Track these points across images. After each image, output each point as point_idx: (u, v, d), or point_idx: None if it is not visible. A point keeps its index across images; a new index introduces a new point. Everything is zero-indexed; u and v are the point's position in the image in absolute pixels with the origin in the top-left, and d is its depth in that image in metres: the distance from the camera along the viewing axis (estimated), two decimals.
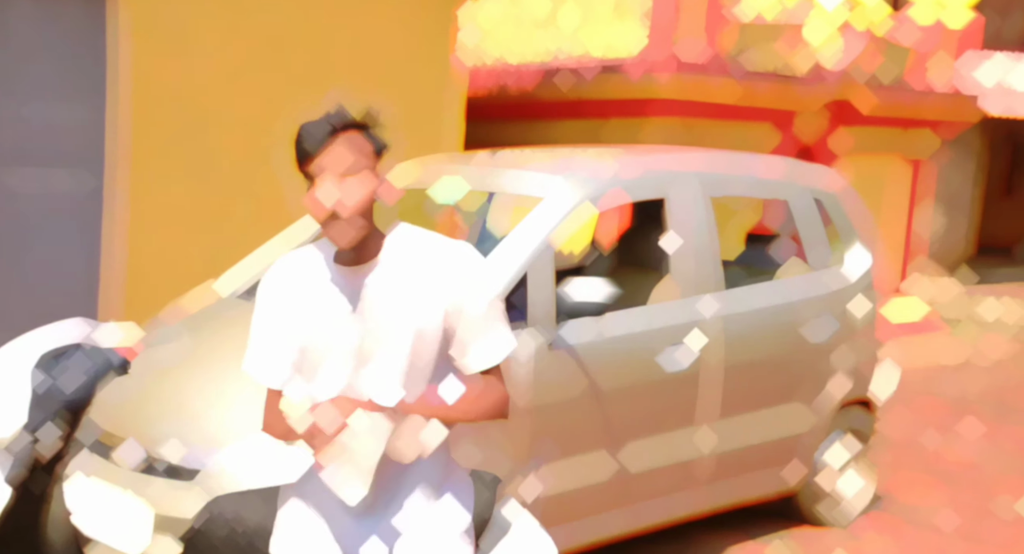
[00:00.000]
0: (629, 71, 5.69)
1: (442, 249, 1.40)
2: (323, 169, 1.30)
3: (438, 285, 1.37)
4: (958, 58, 7.47)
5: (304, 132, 1.32)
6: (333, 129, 1.31)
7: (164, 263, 4.32)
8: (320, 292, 1.39)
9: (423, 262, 1.38)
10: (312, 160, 1.31)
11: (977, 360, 6.93)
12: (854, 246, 3.50)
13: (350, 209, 1.30)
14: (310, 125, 1.32)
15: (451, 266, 1.38)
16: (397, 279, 1.38)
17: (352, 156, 1.31)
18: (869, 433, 3.58)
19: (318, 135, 1.30)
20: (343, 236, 1.31)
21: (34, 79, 4.06)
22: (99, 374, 1.88)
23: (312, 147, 1.30)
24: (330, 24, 4.78)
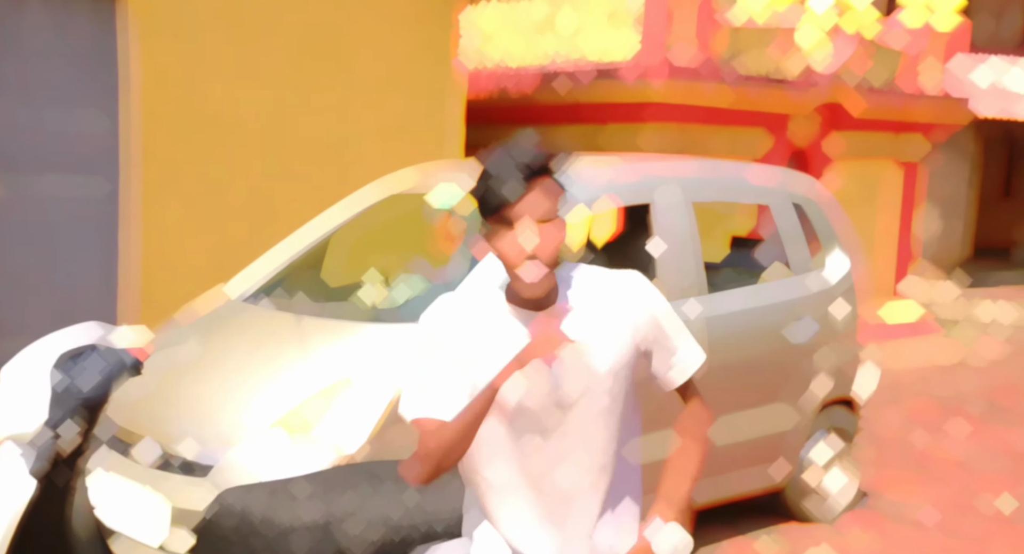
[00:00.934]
0: (623, 76, 5.81)
1: (617, 282, 1.38)
2: (521, 215, 1.26)
3: (624, 320, 1.36)
4: (947, 61, 7.57)
5: (497, 176, 1.25)
6: (531, 175, 1.26)
7: (178, 266, 4.40)
8: (510, 337, 1.33)
9: (604, 299, 1.36)
10: (510, 207, 1.25)
11: (971, 361, 7.02)
12: (834, 250, 3.61)
13: (549, 255, 1.27)
14: (501, 168, 1.25)
15: (631, 297, 1.37)
16: (586, 320, 1.35)
17: (549, 202, 1.27)
18: (853, 432, 3.69)
19: (515, 181, 1.25)
20: (539, 283, 1.27)
21: (48, 86, 4.14)
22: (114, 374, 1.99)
23: (511, 194, 1.25)
24: (336, 29, 4.86)
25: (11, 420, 1.95)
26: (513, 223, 1.26)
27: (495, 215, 1.27)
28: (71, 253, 4.32)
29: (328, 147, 4.92)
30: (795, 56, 6.56)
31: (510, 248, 1.27)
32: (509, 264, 1.28)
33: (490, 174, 1.26)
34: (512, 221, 1.26)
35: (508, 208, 1.26)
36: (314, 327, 2.71)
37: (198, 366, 2.59)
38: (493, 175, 1.26)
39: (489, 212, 1.28)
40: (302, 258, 3.26)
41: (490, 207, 1.27)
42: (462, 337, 1.34)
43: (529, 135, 1.35)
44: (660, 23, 5.90)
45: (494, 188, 1.25)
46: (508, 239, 1.27)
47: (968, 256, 11.85)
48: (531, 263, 1.26)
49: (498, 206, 1.26)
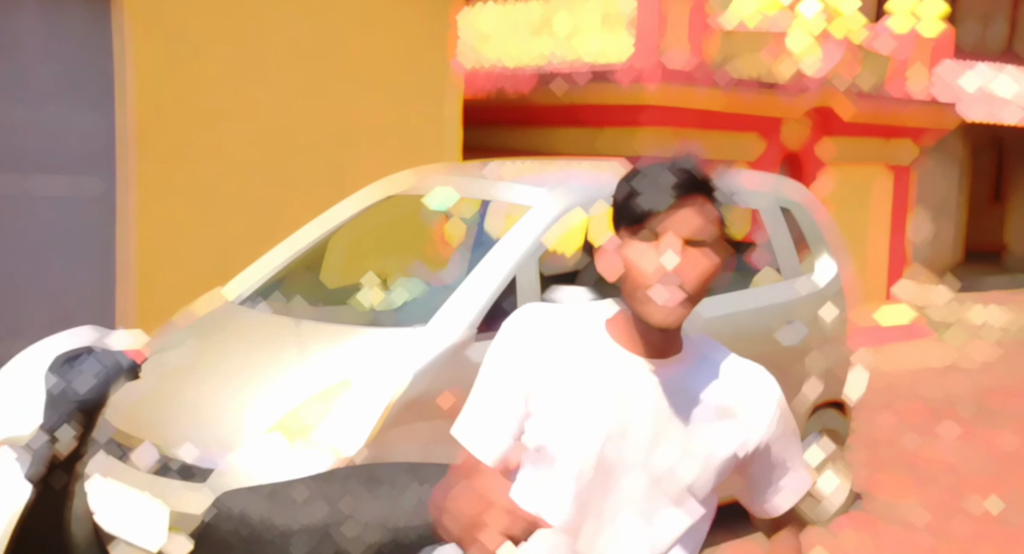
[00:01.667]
0: (618, 79, 5.84)
1: (750, 375, 1.18)
2: (667, 229, 1.07)
3: (739, 424, 1.15)
4: (933, 66, 7.66)
5: (651, 181, 1.07)
6: (689, 188, 1.08)
7: (175, 266, 4.38)
8: (602, 376, 1.11)
9: (729, 380, 1.16)
10: (658, 217, 1.06)
11: (961, 364, 7.09)
12: (823, 254, 3.65)
13: (692, 282, 1.06)
14: (658, 174, 1.08)
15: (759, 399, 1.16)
16: (704, 388, 1.14)
17: (703, 224, 1.08)
18: (845, 434, 3.72)
19: (668, 189, 1.06)
20: (672, 310, 1.05)
21: (42, 86, 4.11)
22: (111, 377, 1.98)
23: (663, 203, 1.06)
24: (333, 29, 4.85)
25: (6, 424, 1.94)
26: (658, 236, 1.07)
27: (636, 225, 1.07)
28: (67, 254, 4.30)
29: (325, 147, 4.92)
30: (786, 60, 6.62)
31: (646, 263, 1.06)
32: (640, 283, 1.06)
33: (643, 177, 1.09)
34: (657, 234, 1.07)
35: (655, 218, 1.07)
36: (312, 330, 2.72)
37: (196, 369, 2.60)
38: (646, 179, 1.08)
39: (629, 220, 1.08)
40: (300, 260, 3.27)
41: (633, 215, 1.07)
42: (547, 366, 1.11)
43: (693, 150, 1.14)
44: (653, 27, 5.94)
45: (645, 193, 1.07)
46: (646, 253, 1.06)
47: (959, 260, 11.96)
48: (668, 284, 1.05)
49: (643, 215, 1.07)
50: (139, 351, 2.01)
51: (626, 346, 1.12)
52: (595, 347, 1.13)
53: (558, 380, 1.12)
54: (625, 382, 1.12)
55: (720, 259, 1.10)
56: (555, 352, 1.13)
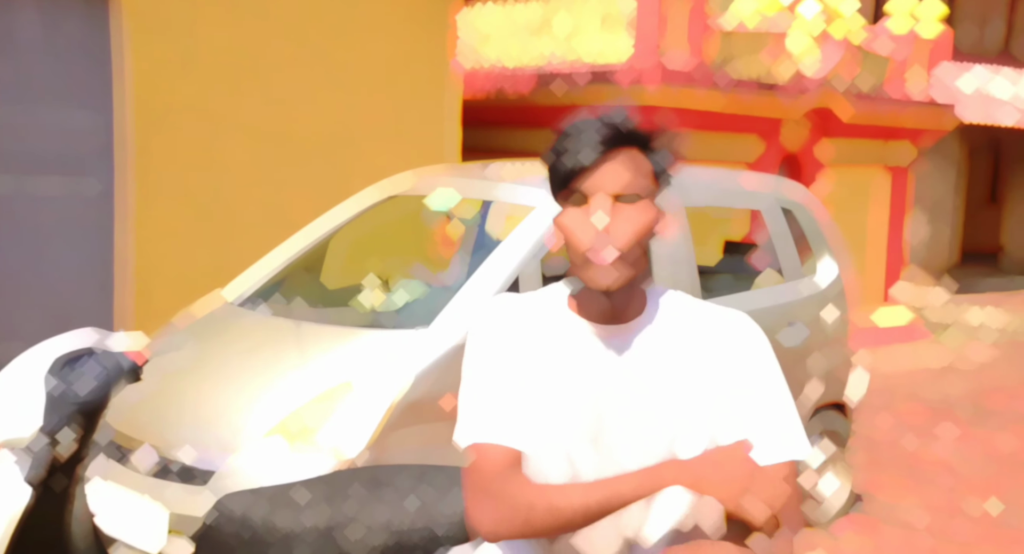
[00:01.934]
0: (618, 80, 5.84)
1: (720, 320, 1.11)
2: (596, 189, 1.02)
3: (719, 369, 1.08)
4: (931, 68, 7.67)
5: (572, 137, 1.03)
6: (616, 141, 1.03)
7: (173, 267, 4.37)
8: (567, 351, 1.09)
9: (700, 332, 1.10)
10: (583, 176, 1.01)
11: (958, 365, 7.10)
12: (824, 255, 3.65)
13: (626, 240, 1.02)
14: (582, 129, 1.02)
15: (734, 342, 1.09)
16: (670, 347, 1.09)
17: (632, 177, 1.04)
18: (846, 435, 3.72)
19: (592, 145, 1.01)
20: (609, 269, 1.02)
21: (40, 85, 4.10)
22: (111, 378, 1.97)
23: (586, 157, 1.01)
24: (331, 29, 4.84)
25: (5, 426, 1.93)
26: (588, 197, 1.03)
27: (566, 189, 1.03)
28: (64, 254, 4.28)
29: (324, 147, 4.91)
30: (786, 61, 6.63)
31: (578, 226, 1.03)
32: (576, 248, 1.03)
33: (567, 136, 1.03)
34: (586, 196, 1.03)
35: (580, 178, 1.02)
36: (313, 331, 2.71)
37: (197, 371, 2.58)
38: (570, 138, 1.02)
39: (559, 184, 1.04)
40: (300, 261, 3.25)
41: (560, 176, 1.03)
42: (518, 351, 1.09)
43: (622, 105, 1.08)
44: (652, 27, 5.94)
45: (570, 152, 1.01)
46: (579, 217, 1.03)
47: (955, 262, 11.99)
48: (601, 245, 1.00)
49: (568, 175, 1.02)
50: (140, 353, 1.99)
51: (585, 316, 1.10)
52: (558, 322, 1.11)
53: (531, 360, 1.10)
54: (586, 350, 1.09)
55: (657, 212, 1.06)
56: (525, 335, 1.11)
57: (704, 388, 1.09)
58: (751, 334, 1.11)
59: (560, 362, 1.10)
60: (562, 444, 1.09)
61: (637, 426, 1.08)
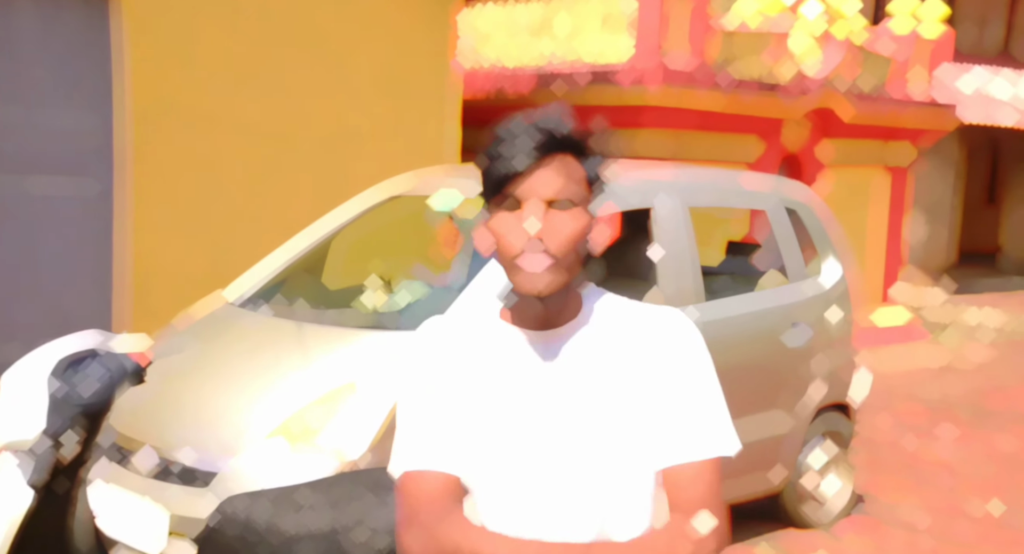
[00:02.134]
0: (619, 80, 5.83)
1: (654, 319, 1.09)
2: (529, 194, 1.00)
3: (654, 367, 1.07)
4: (932, 68, 7.68)
5: (506, 141, 1.00)
6: (550, 146, 1.00)
7: (171, 267, 4.35)
8: (501, 363, 1.07)
9: (631, 335, 1.08)
10: (516, 182, 0.99)
11: (957, 365, 7.12)
12: (829, 256, 3.64)
13: (559, 246, 1.00)
14: (515, 133, 1.00)
15: (667, 340, 1.08)
16: (607, 350, 1.07)
17: (565, 183, 1.01)
18: (849, 436, 3.72)
19: (525, 150, 0.99)
20: (541, 275, 1.00)
21: (39, 86, 4.08)
22: (115, 380, 1.96)
23: (520, 163, 0.98)
24: (331, 30, 4.82)
25: (8, 428, 1.91)
26: (521, 202, 1.00)
27: (498, 194, 1.01)
28: (63, 255, 4.26)
29: (324, 148, 4.89)
30: (787, 62, 6.62)
31: (510, 232, 1.00)
32: (507, 253, 1.01)
33: (500, 141, 1.01)
34: (519, 201, 1.00)
35: (513, 183, 1.00)
36: (315, 333, 2.69)
37: (199, 372, 2.57)
38: (503, 142, 1.00)
39: (491, 189, 1.02)
40: (302, 262, 3.24)
41: (493, 181, 1.01)
42: (455, 372, 1.07)
43: (558, 105, 1.05)
44: (654, 27, 5.93)
45: (503, 157, 0.99)
46: (510, 222, 1.01)
47: (953, 262, 12.01)
48: (532, 250, 0.99)
49: (501, 180, 1.00)
50: (143, 354, 1.98)
51: (519, 323, 1.08)
52: (491, 335, 1.09)
53: (464, 380, 1.08)
54: (520, 359, 1.07)
55: (590, 219, 1.04)
56: (457, 355, 1.09)
57: (638, 387, 1.08)
58: (683, 331, 1.10)
59: (495, 375, 1.08)
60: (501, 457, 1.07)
61: (576, 430, 1.06)
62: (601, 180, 1.06)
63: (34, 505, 1.86)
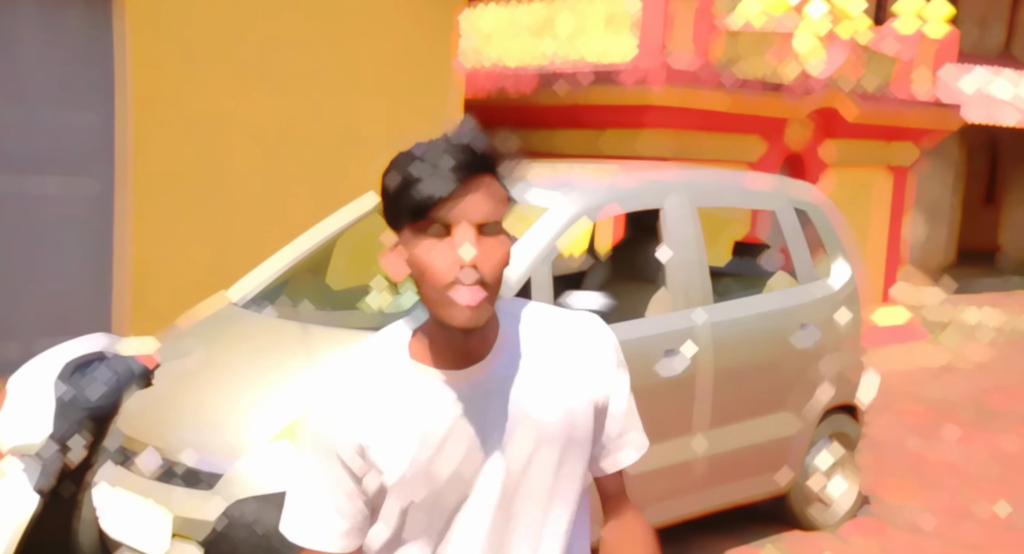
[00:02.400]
0: (622, 80, 5.80)
1: (576, 326, 1.05)
2: (459, 219, 0.92)
3: (585, 377, 1.04)
4: (936, 68, 7.67)
5: (427, 162, 0.92)
6: (475, 168, 0.93)
7: (171, 266, 4.33)
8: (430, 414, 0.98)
9: (559, 348, 1.03)
10: (443, 206, 0.91)
11: (958, 365, 7.11)
12: (838, 256, 3.62)
13: (491, 273, 0.92)
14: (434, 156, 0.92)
15: (593, 347, 1.05)
16: (534, 377, 1.01)
17: (493, 208, 0.94)
18: (856, 438, 3.70)
19: (449, 172, 0.91)
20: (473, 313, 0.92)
21: (42, 85, 4.06)
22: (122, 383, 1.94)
23: (445, 188, 0.91)
24: (333, 30, 4.80)
25: (15, 432, 1.89)
26: (450, 228, 0.92)
27: (420, 219, 0.92)
28: (63, 254, 4.23)
29: (325, 147, 4.86)
30: (792, 61, 6.60)
31: (441, 260, 0.92)
32: (437, 283, 0.92)
33: (418, 161, 0.92)
34: (448, 225, 0.92)
35: (440, 208, 0.91)
36: (320, 334, 2.66)
37: (203, 374, 2.54)
38: (422, 163, 0.92)
39: (411, 214, 0.92)
40: (306, 262, 3.21)
41: (412, 206, 0.91)
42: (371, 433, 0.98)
43: (469, 120, 0.97)
44: (658, 27, 5.90)
45: (424, 179, 0.91)
46: (439, 249, 0.92)
47: (951, 261, 12.02)
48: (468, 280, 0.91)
49: (425, 205, 0.91)
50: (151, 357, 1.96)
51: (433, 364, 0.99)
52: (403, 381, 0.99)
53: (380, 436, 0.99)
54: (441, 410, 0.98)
55: (512, 241, 0.97)
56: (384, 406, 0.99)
57: (573, 403, 1.04)
58: (605, 339, 1.07)
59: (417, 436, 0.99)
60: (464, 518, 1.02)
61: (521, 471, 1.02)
62: (513, 200, 1.00)
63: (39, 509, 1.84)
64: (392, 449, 0.99)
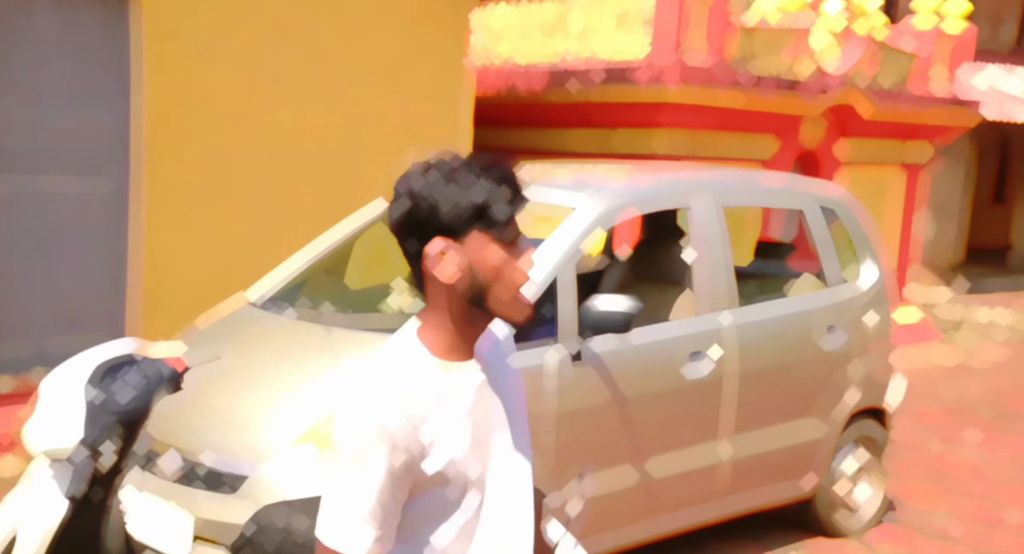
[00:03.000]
0: (636, 77, 5.73)
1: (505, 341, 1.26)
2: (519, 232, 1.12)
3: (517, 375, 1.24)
4: (954, 65, 7.59)
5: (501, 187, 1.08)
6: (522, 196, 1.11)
7: (184, 266, 4.29)
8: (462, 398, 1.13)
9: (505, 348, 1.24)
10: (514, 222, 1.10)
11: (972, 364, 7.05)
12: (866, 257, 3.55)
13: None
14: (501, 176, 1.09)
15: None
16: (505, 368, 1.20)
17: None
18: (882, 442, 3.63)
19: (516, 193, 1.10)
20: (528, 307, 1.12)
21: (57, 86, 4.04)
22: (152, 387, 1.91)
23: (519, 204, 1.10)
24: (346, 31, 4.76)
25: (48, 436, 1.87)
26: (516, 240, 1.10)
27: (504, 227, 1.08)
28: (77, 253, 4.20)
29: (338, 148, 4.81)
30: (807, 58, 6.53)
31: (525, 264, 1.11)
32: (515, 283, 1.10)
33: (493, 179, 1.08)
34: (515, 238, 1.10)
35: (514, 223, 1.09)
36: (341, 335, 2.61)
37: (225, 376, 2.48)
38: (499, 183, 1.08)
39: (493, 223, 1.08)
40: (324, 262, 3.15)
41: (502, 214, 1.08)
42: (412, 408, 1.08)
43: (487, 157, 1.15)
44: (672, 24, 5.83)
45: (507, 195, 1.08)
46: (521, 259, 1.11)
47: (961, 260, 11.94)
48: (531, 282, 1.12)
49: (510, 215, 1.09)
50: (179, 360, 1.92)
51: (455, 359, 1.13)
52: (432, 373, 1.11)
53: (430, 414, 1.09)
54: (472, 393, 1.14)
55: None
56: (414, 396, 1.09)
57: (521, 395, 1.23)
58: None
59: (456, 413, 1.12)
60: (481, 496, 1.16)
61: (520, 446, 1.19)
62: None
63: (69, 515, 1.82)
64: (443, 426, 1.10)
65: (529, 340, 2.58)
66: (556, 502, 2.02)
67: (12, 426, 3.75)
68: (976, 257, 12.29)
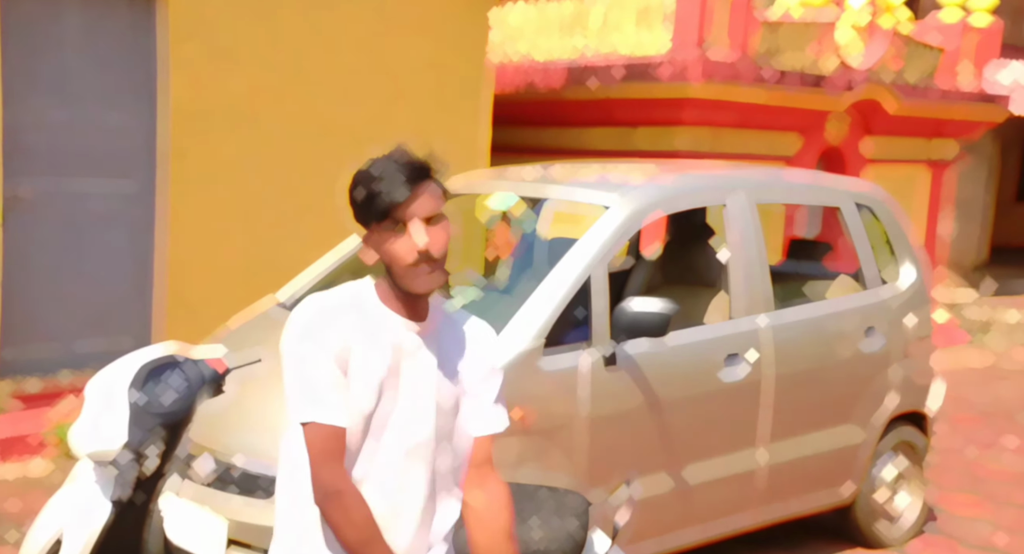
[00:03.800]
0: (658, 74, 5.62)
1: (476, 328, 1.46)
2: (411, 216, 1.32)
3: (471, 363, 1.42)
4: (981, 59, 7.42)
5: (385, 179, 1.31)
6: (419, 177, 1.33)
7: (209, 267, 4.27)
8: (388, 342, 1.35)
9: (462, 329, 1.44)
10: (401, 208, 1.31)
11: (1003, 366, 6.87)
12: (905, 256, 3.42)
13: (441, 251, 1.34)
14: (388, 171, 1.32)
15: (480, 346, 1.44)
16: (450, 340, 1.42)
17: (436, 203, 1.34)
18: (923, 449, 3.50)
19: (401, 183, 1.31)
20: (430, 281, 1.33)
21: (84, 88, 4.03)
22: (194, 389, 1.87)
23: (400, 195, 1.31)
24: (369, 31, 4.73)
25: (93, 439, 1.86)
26: (406, 224, 1.32)
27: (384, 218, 1.32)
28: (105, 254, 4.18)
29: (361, 147, 4.74)
30: (832, 53, 6.39)
31: (401, 247, 1.32)
32: (402, 263, 1.32)
33: (375, 177, 1.32)
34: (404, 222, 1.32)
35: (398, 209, 1.31)
36: None
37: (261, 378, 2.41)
38: (380, 178, 1.31)
39: (377, 216, 1.32)
40: (353, 262, 3.08)
41: (379, 210, 1.31)
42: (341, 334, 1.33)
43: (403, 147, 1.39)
44: (694, 19, 5.71)
45: (383, 190, 1.31)
46: (399, 239, 1.32)
47: (984, 260, 11.72)
48: (421, 267, 1.31)
49: (388, 209, 1.31)
50: (220, 361, 1.88)
51: (398, 312, 1.37)
52: (377, 316, 1.36)
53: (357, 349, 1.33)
54: (399, 341, 1.37)
55: (450, 224, 1.36)
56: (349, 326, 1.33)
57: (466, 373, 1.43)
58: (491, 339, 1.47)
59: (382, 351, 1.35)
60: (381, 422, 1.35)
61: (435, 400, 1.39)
62: (447, 192, 1.39)
63: (112, 519, 1.79)
64: (368, 357, 1.33)
65: (562, 343, 2.48)
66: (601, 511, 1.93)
67: (41, 427, 3.71)
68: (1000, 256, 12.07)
